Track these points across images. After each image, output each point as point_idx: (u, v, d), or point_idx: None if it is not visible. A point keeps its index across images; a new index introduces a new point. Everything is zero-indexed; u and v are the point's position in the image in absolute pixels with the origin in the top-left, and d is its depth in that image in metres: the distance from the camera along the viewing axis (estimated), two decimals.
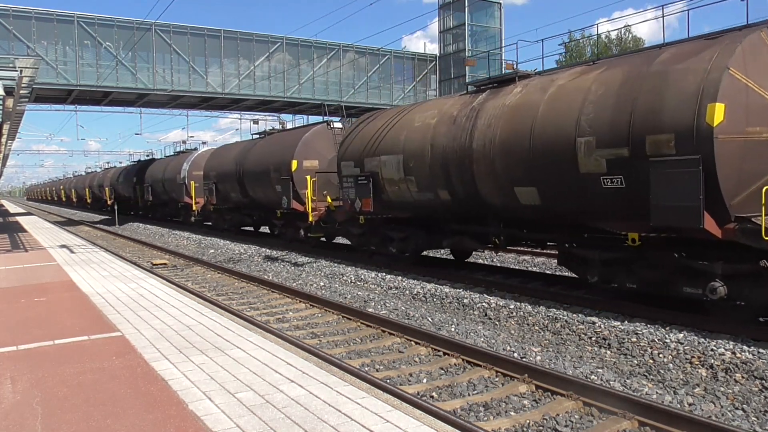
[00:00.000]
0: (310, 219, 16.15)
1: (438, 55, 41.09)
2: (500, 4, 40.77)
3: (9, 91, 13.98)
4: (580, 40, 45.53)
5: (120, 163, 54.93)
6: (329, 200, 16.03)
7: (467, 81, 38.43)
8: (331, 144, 17.17)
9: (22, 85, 15.03)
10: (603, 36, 43.54)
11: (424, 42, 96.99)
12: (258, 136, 22.18)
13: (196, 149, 30.69)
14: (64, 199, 74.61)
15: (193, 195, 25.99)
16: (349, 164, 14.28)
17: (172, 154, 34.70)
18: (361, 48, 37.90)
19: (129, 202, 38.79)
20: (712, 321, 7.89)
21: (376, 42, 60.53)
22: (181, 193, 27.60)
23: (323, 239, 18.60)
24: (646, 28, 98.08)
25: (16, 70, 13.50)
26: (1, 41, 27.80)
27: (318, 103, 36.50)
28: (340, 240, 18.88)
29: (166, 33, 32.22)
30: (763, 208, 6.89)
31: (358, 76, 38.16)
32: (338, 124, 17.79)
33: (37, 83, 21.35)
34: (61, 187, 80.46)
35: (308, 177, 16.02)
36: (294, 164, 16.91)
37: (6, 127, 20.03)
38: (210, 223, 26.72)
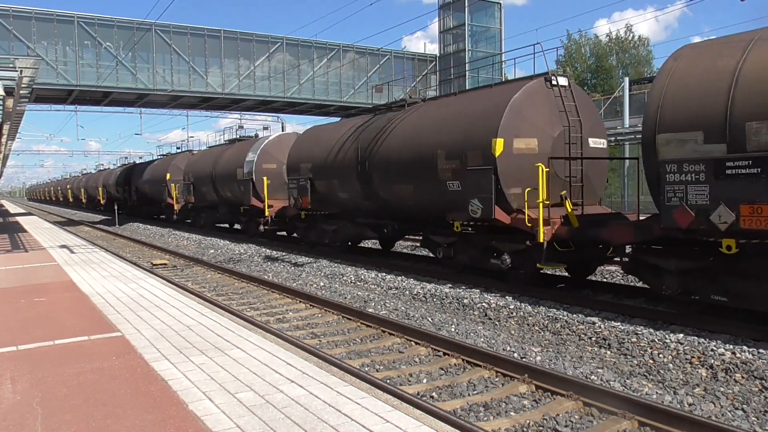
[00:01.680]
0: (541, 239, 9.63)
1: (438, 55, 41.10)
2: (500, 4, 40.79)
3: (9, 92, 14.00)
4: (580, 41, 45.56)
5: (140, 158, 49.03)
6: (568, 207, 9.79)
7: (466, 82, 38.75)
8: (555, 111, 10.69)
9: (22, 86, 15.05)
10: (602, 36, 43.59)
11: (424, 42, 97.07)
12: (381, 110, 15.18)
13: (257, 135, 24.15)
14: (71, 199, 65.98)
15: (266, 196, 19.46)
16: (689, 138, 7.61)
17: (224, 142, 27.10)
18: (361, 48, 37.93)
19: (160, 205, 31.04)
20: (712, 321, 7.89)
21: (376, 42, 60.76)
22: (246, 193, 20.82)
23: (555, 271, 11.48)
24: (646, 28, 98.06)
25: (16, 70, 13.51)
26: (1, 41, 27.83)
27: (318, 103, 36.60)
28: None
29: (166, 33, 32.25)
30: None
31: (358, 76, 38.15)
32: (563, 80, 11.05)
33: (37, 83, 21.38)
34: (68, 186, 71.30)
35: (540, 166, 9.70)
36: (498, 145, 10.30)
37: (6, 128, 20.03)
38: (284, 233, 20.52)
